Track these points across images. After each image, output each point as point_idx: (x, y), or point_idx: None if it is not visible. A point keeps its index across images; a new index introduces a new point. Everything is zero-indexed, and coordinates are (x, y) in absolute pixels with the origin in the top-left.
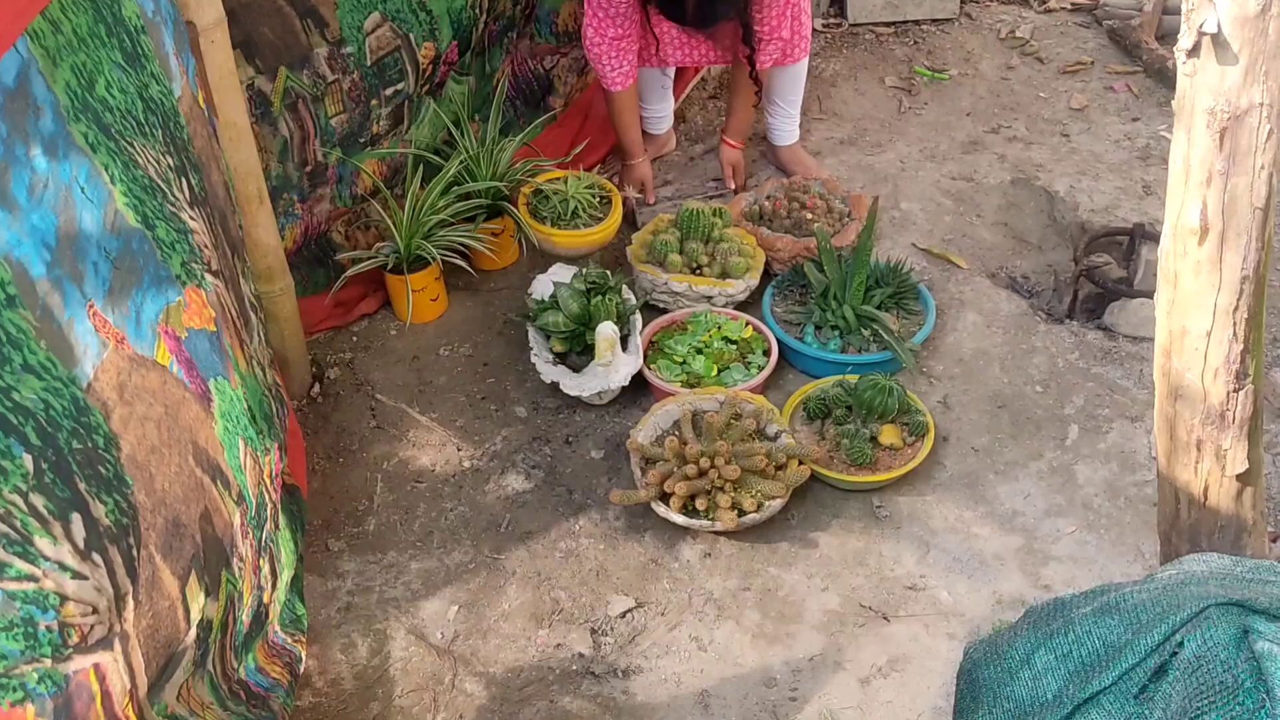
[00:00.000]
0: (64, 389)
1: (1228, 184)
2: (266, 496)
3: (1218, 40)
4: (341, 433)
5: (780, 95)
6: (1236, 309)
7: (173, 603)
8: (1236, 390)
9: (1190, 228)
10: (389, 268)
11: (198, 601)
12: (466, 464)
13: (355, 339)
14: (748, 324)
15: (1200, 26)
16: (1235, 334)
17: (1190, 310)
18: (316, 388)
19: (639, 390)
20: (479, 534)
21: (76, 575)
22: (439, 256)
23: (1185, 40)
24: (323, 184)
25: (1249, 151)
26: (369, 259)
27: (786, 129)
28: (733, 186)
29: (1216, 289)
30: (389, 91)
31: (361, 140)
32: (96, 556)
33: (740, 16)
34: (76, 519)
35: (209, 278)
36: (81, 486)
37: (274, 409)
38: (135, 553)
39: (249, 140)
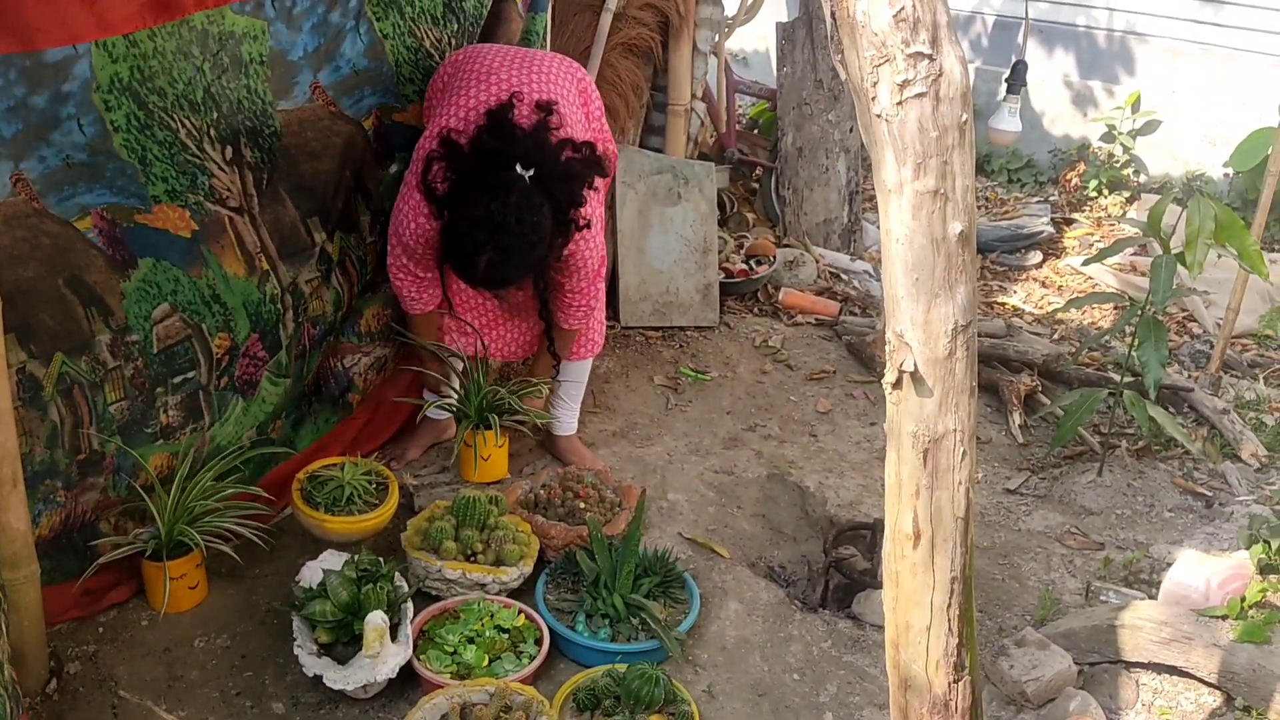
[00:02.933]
0: None
1: (933, 497)
2: None
3: (916, 377)
4: None
5: (564, 389)
6: (950, 606)
7: None
8: (956, 681)
9: (906, 533)
10: (147, 554)
11: None
12: None
13: (102, 630)
14: (520, 612)
15: (901, 365)
16: (950, 629)
17: (911, 607)
18: (53, 683)
19: (407, 682)
20: None
21: None
22: (203, 543)
23: (890, 375)
24: (96, 473)
25: (948, 469)
26: (127, 544)
27: (566, 420)
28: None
29: (931, 588)
30: (177, 380)
31: (148, 430)
32: None
33: (534, 284)
34: None
35: None
36: None
37: (8, 709)
38: None
39: (9, 424)
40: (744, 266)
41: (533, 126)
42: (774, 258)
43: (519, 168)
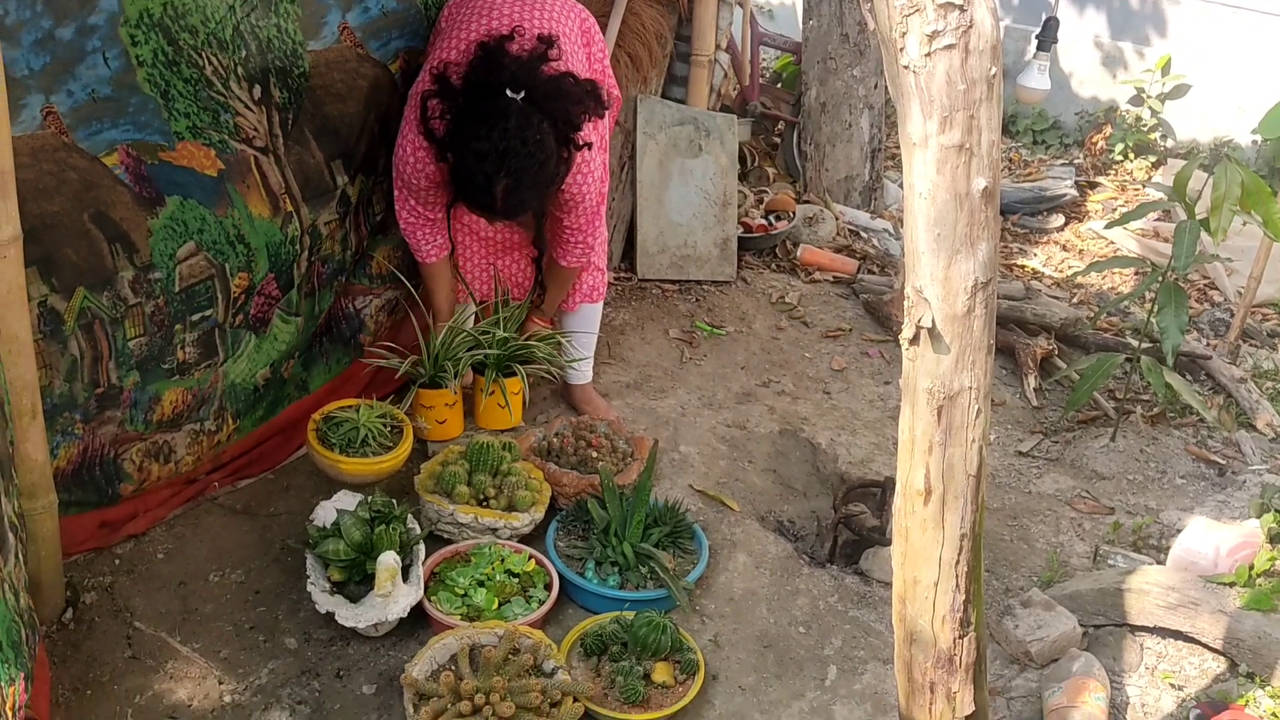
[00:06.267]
0: None
1: (946, 453)
2: None
3: (933, 333)
4: (92, 662)
5: (578, 338)
6: (958, 563)
7: None
8: (962, 636)
9: (917, 489)
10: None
11: None
12: (227, 699)
13: (118, 562)
14: (531, 557)
15: (919, 321)
16: (958, 585)
17: (920, 562)
18: (69, 613)
19: (418, 622)
20: None
21: None
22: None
23: (908, 331)
24: (114, 407)
25: (962, 426)
26: (399, 363)
27: (581, 369)
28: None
29: (940, 545)
30: (195, 318)
31: (165, 366)
32: None
33: (540, 207)
34: None
35: None
36: None
37: (24, 635)
38: None
39: (29, 355)
40: (763, 222)
41: (524, 54)
42: (793, 214)
43: (509, 92)
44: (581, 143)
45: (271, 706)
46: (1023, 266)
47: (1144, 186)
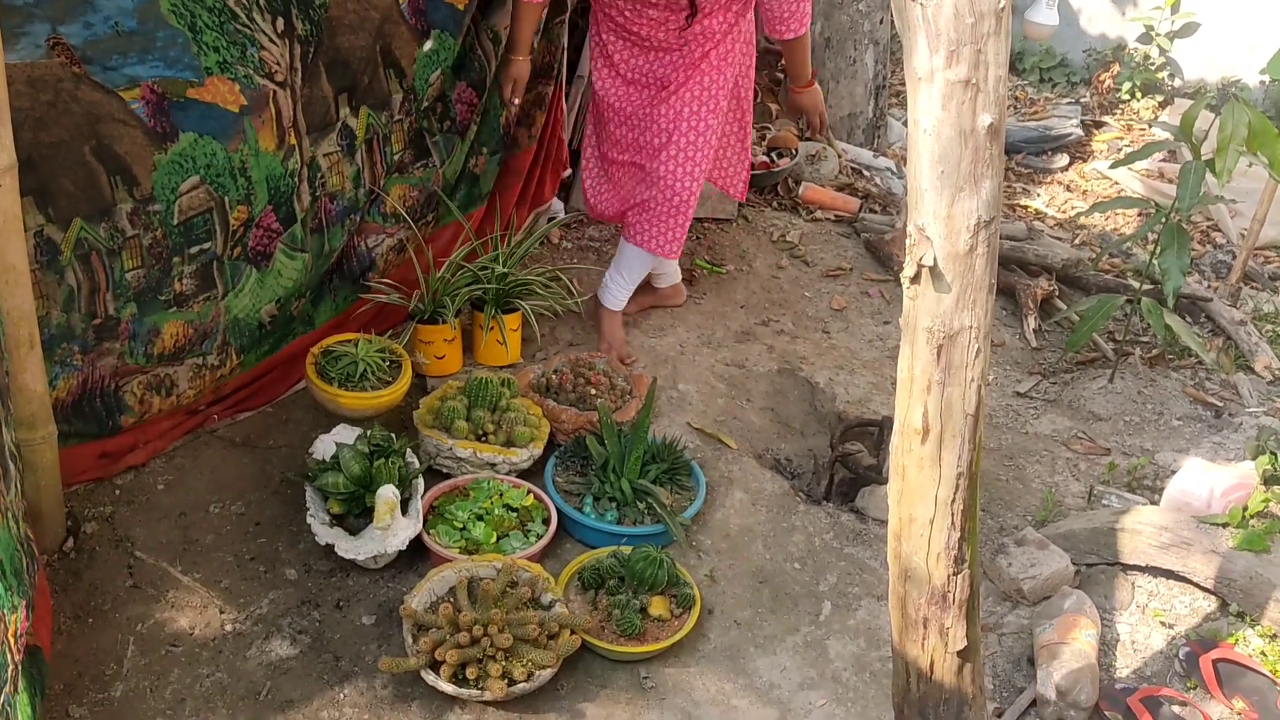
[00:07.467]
0: None
1: (944, 392)
2: (8, 657)
3: (935, 272)
4: (93, 591)
5: (624, 261)
6: (954, 501)
7: None
8: (956, 573)
9: (915, 428)
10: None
11: None
12: (228, 627)
13: (118, 492)
14: (529, 492)
15: (921, 259)
16: (954, 523)
17: (916, 500)
18: (70, 542)
19: (417, 555)
20: (236, 703)
21: None
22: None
23: (909, 269)
24: (112, 338)
25: (961, 366)
26: (398, 298)
27: (614, 292)
28: (809, 131)
29: (937, 483)
30: (194, 250)
31: (162, 298)
32: None
33: None
34: None
35: None
36: None
37: (24, 564)
38: None
39: (26, 285)
40: (765, 159)
41: None
42: (796, 151)
43: None
44: None
45: (272, 635)
46: (1025, 207)
47: (1150, 126)
